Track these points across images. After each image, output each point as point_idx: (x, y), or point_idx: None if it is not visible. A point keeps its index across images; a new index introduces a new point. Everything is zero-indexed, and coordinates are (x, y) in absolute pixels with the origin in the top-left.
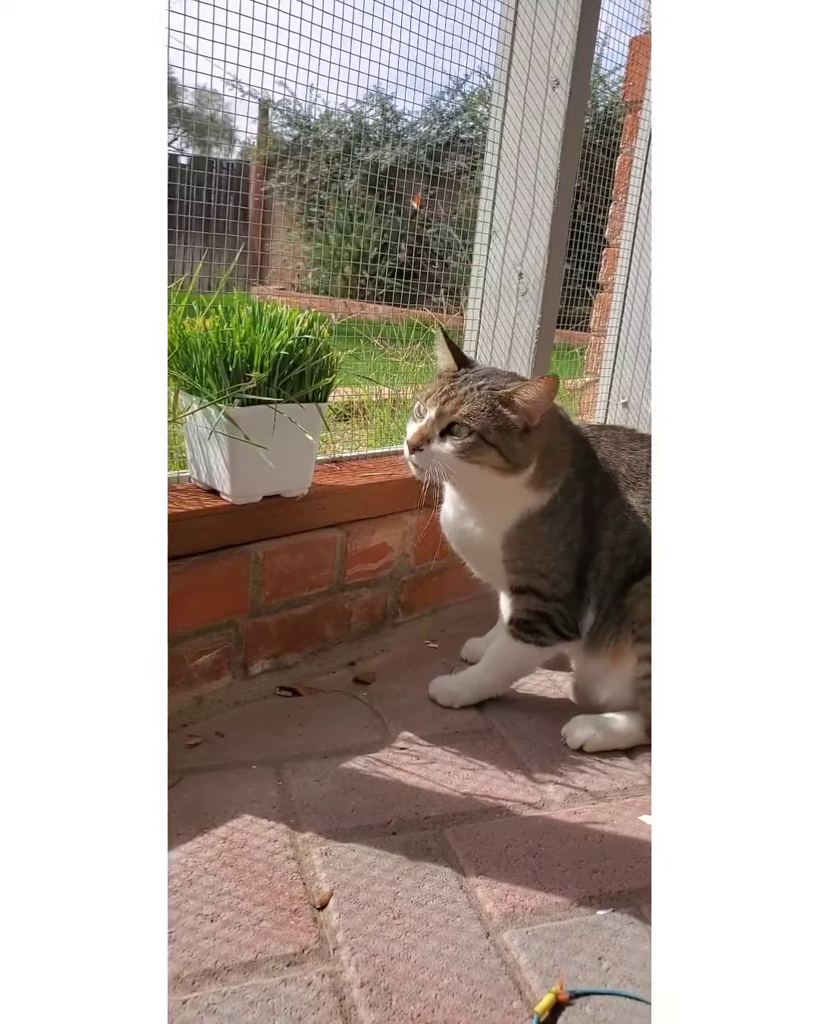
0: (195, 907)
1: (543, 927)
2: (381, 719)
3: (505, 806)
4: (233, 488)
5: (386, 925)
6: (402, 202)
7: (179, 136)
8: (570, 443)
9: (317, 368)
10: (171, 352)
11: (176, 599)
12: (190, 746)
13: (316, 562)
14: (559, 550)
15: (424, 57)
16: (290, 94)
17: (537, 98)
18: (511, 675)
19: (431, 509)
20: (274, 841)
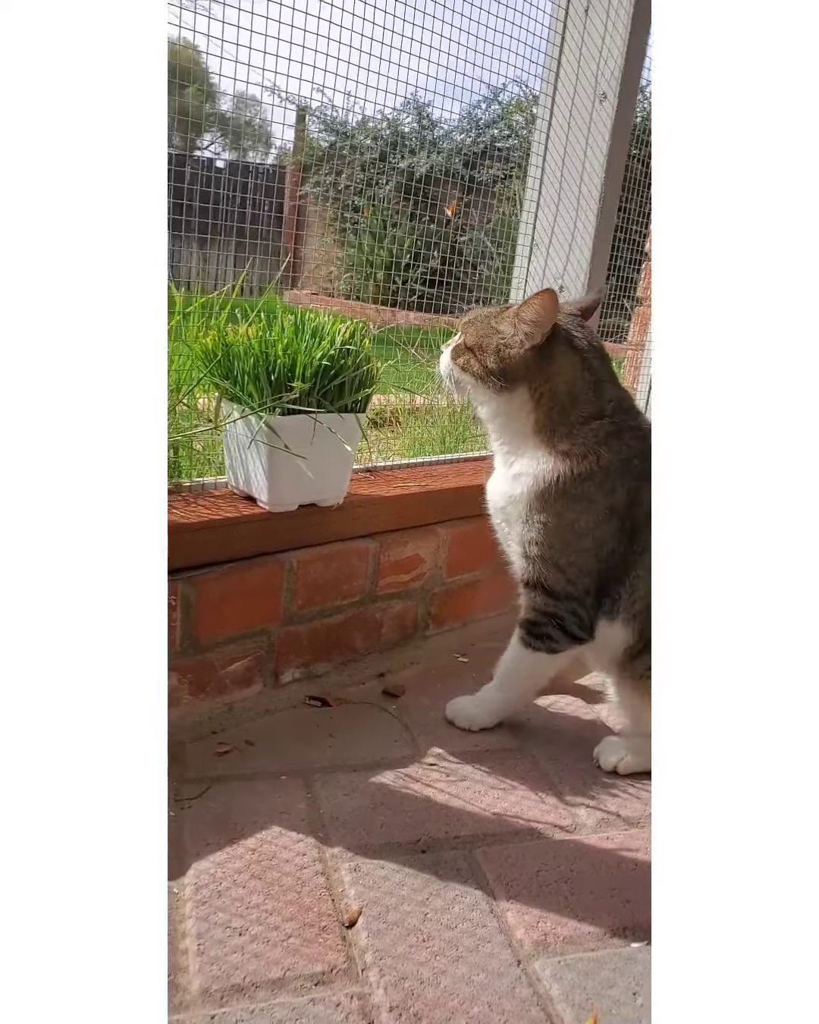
0: (224, 919)
1: (576, 957)
2: (410, 733)
3: (536, 828)
4: (270, 496)
5: (415, 947)
6: (437, 211)
7: (216, 140)
8: (609, 422)
9: (357, 379)
10: (213, 359)
11: (211, 606)
12: (220, 754)
13: (349, 572)
14: (583, 545)
15: (462, 65)
16: (328, 101)
17: (583, 111)
18: (526, 689)
19: (464, 521)
20: (303, 855)
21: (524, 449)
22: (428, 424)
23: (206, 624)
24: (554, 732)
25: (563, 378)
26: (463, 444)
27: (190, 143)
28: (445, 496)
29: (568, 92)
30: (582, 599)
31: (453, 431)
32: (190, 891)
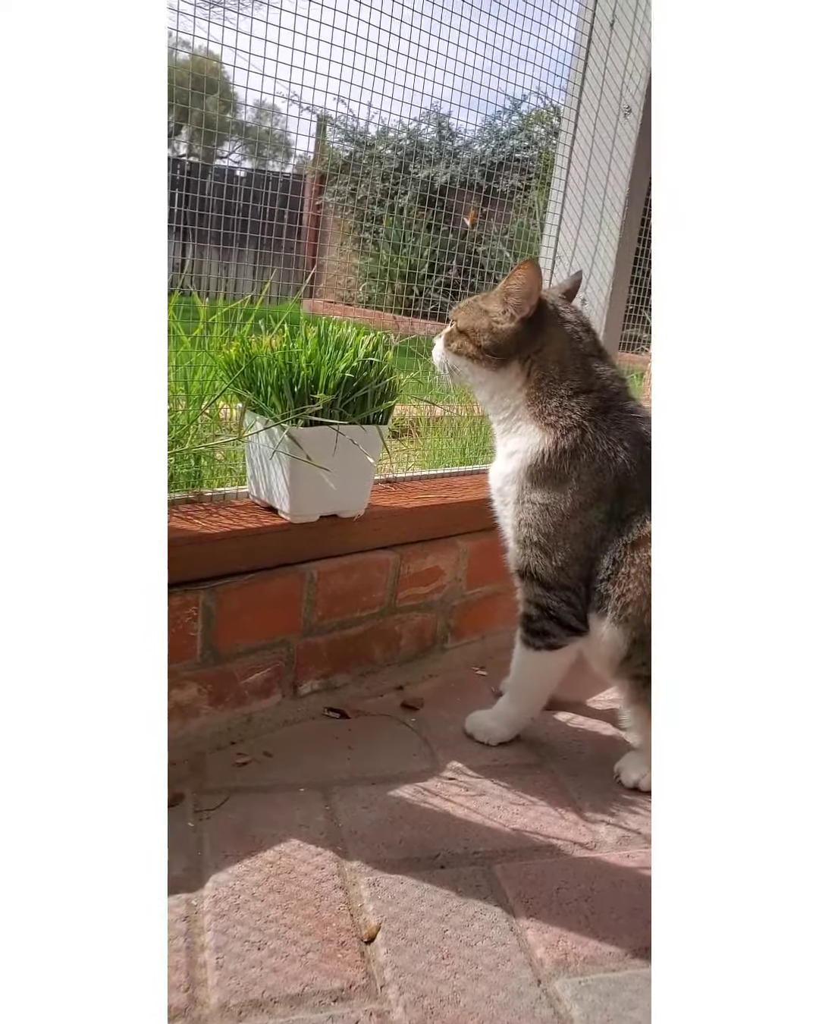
0: (242, 933)
1: (597, 978)
2: (429, 747)
3: (556, 845)
4: (292, 507)
5: (434, 964)
6: (455, 222)
7: (237, 150)
8: (597, 396)
9: (380, 391)
10: (237, 371)
11: (232, 616)
12: (239, 764)
13: (369, 583)
14: (572, 530)
15: (483, 76)
16: (348, 111)
17: (608, 125)
18: (537, 692)
19: (484, 533)
20: (321, 868)
21: (518, 425)
22: (448, 435)
23: (226, 634)
24: (574, 748)
25: (552, 348)
26: (483, 456)
27: (212, 153)
28: (465, 508)
29: (592, 105)
30: (575, 588)
31: (473, 443)
32: (209, 903)
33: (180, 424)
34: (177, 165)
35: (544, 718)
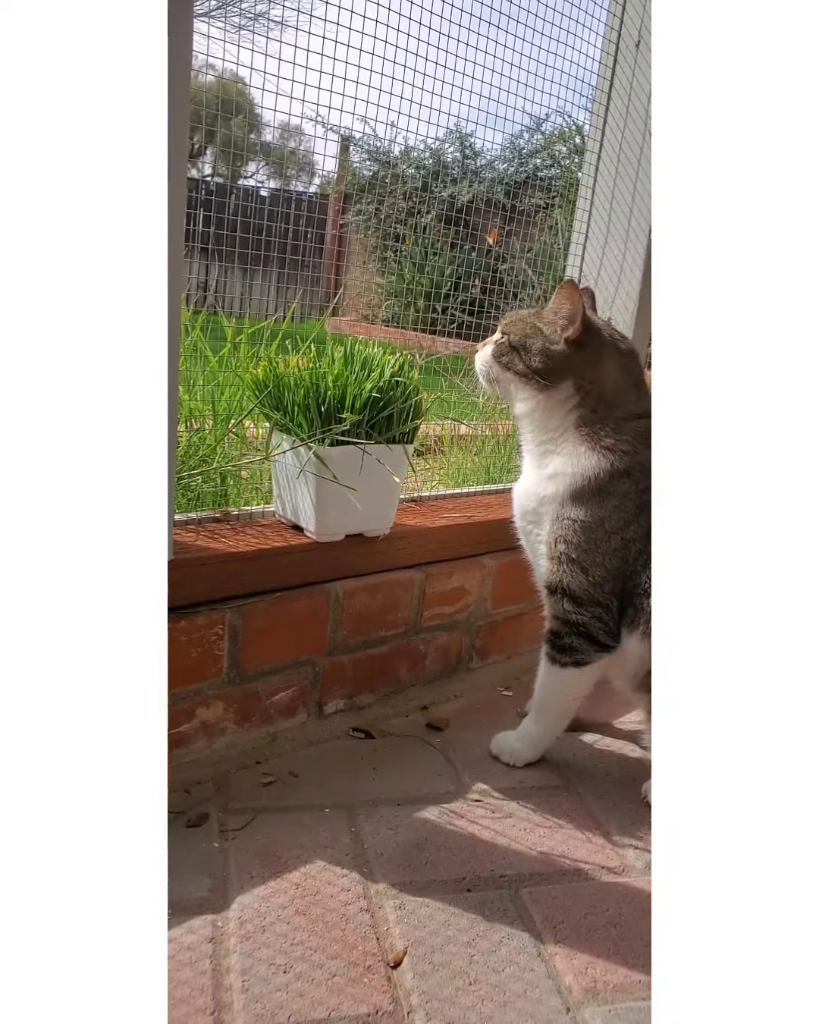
0: (268, 956)
1: (626, 1007)
2: (454, 768)
3: (583, 869)
4: (318, 526)
5: (462, 991)
6: (478, 240)
7: (260, 170)
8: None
9: (406, 410)
10: (264, 390)
11: (258, 635)
12: (264, 784)
13: (394, 603)
14: (612, 545)
15: (505, 96)
16: (371, 131)
17: (634, 145)
18: (561, 712)
19: (509, 552)
20: (347, 891)
21: (563, 446)
22: (472, 453)
23: (252, 653)
24: (600, 769)
25: (610, 374)
26: (508, 475)
27: (236, 173)
28: (491, 527)
29: (618, 125)
30: (608, 604)
31: (498, 461)
32: (234, 925)
33: (208, 443)
34: (202, 185)
35: (570, 739)
